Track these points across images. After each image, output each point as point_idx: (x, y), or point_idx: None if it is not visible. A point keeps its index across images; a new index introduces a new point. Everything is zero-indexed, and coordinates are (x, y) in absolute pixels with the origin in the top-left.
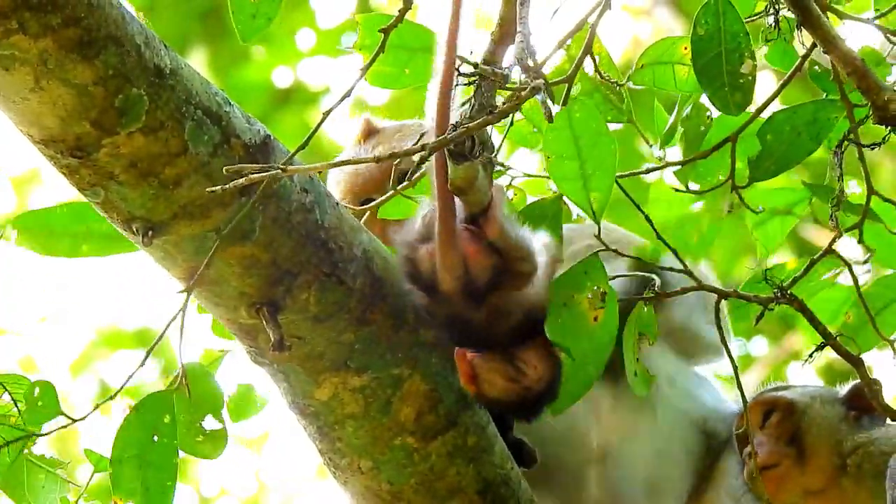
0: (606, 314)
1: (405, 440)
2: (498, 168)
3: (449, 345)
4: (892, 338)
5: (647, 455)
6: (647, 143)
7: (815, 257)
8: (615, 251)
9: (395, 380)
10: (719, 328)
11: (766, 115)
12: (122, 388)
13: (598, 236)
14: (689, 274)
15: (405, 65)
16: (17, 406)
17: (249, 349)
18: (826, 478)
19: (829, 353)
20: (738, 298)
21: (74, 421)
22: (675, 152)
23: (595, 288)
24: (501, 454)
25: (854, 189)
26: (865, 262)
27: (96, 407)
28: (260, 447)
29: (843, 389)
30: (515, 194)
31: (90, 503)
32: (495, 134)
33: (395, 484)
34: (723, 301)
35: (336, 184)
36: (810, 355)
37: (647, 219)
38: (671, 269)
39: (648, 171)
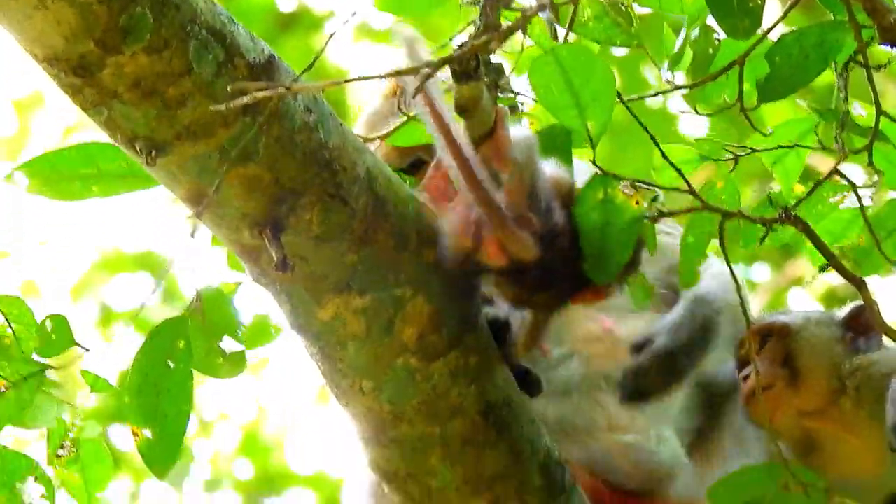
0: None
1: (407, 360)
2: (508, 94)
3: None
4: None
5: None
6: (656, 65)
7: (820, 179)
8: (615, 176)
9: (398, 300)
10: (723, 249)
11: (772, 37)
12: (135, 315)
13: (594, 162)
14: (694, 194)
15: None
16: (10, 328)
17: (252, 270)
18: (821, 399)
19: (831, 279)
20: (743, 219)
21: (87, 350)
22: (681, 79)
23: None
24: (504, 377)
25: (860, 112)
26: (873, 184)
27: (111, 339)
28: (260, 372)
29: (842, 312)
30: (531, 122)
31: (87, 423)
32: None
33: (397, 404)
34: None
35: None
36: (814, 276)
37: (654, 140)
38: (674, 189)
39: (656, 94)
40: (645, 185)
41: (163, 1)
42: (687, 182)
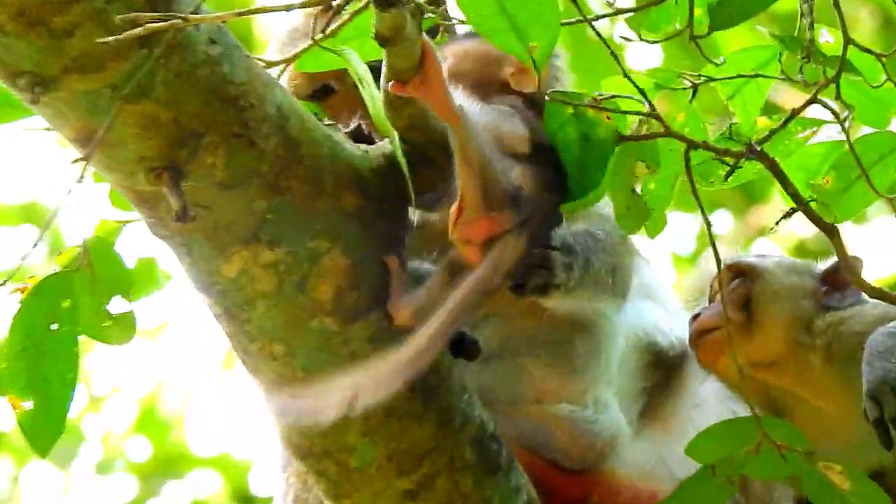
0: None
1: (323, 322)
2: (429, 15)
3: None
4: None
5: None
6: None
7: (795, 108)
8: (571, 104)
9: (313, 254)
10: (690, 180)
11: None
12: (14, 271)
13: (538, 87)
14: (658, 118)
15: None
16: None
17: (149, 220)
18: (776, 350)
19: (801, 230)
20: (707, 150)
21: None
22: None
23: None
24: None
25: (828, 39)
26: (844, 119)
27: None
28: (157, 338)
29: (823, 265)
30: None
31: None
32: None
33: (311, 371)
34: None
35: None
36: (777, 222)
37: (614, 55)
38: (638, 113)
39: (597, 17)
40: (605, 109)
41: None
42: (650, 104)
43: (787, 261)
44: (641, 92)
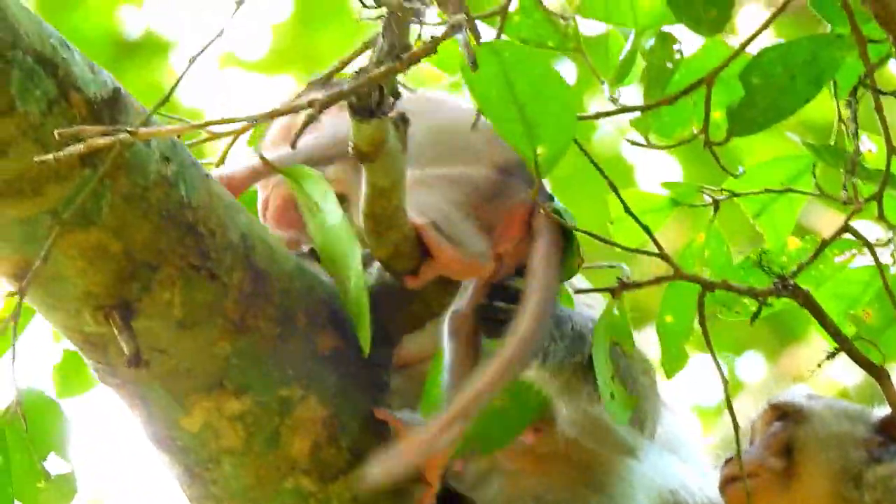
0: None
1: (298, 482)
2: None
3: None
4: None
5: None
6: (599, 80)
7: (827, 237)
8: (571, 226)
9: (285, 403)
10: (702, 325)
11: (752, 51)
12: None
13: (535, 199)
14: (667, 259)
15: None
16: None
17: (97, 366)
18: None
19: (844, 377)
20: (728, 291)
21: None
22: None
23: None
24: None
25: (869, 147)
26: (887, 242)
27: None
28: None
29: (880, 411)
30: None
31: None
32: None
33: None
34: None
35: None
36: (819, 365)
37: (612, 186)
38: (645, 252)
39: (598, 115)
40: (602, 240)
41: None
42: (654, 241)
43: (839, 404)
44: (644, 226)
